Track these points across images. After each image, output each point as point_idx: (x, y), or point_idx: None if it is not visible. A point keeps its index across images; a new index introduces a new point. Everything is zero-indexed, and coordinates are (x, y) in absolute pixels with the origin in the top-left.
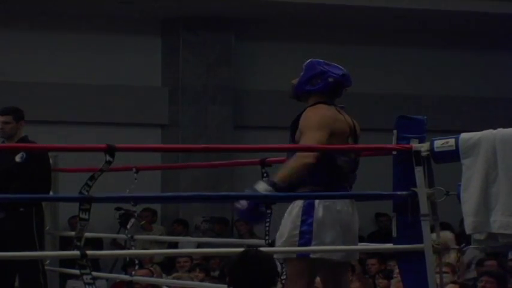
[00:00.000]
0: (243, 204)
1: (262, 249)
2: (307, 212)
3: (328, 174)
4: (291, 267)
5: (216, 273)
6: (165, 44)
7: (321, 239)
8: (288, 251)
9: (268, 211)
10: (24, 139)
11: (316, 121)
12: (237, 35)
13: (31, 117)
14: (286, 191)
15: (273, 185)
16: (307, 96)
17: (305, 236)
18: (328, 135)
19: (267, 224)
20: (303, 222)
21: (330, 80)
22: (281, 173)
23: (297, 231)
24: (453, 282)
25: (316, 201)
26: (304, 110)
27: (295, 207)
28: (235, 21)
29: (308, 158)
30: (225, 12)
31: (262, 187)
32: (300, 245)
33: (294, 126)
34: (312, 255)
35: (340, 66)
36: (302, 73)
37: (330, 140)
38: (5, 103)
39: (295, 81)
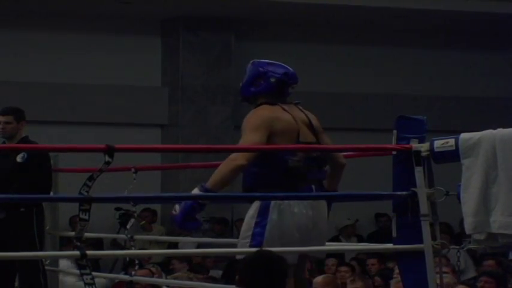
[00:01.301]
0: (176, 209)
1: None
2: (262, 213)
3: (280, 175)
4: None
5: (215, 274)
6: (165, 44)
7: (272, 241)
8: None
9: (202, 218)
10: (25, 139)
11: (252, 123)
12: (237, 35)
13: (31, 117)
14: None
15: (206, 190)
16: (255, 98)
17: (257, 237)
18: (267, 136)
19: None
20: (256, 224)
21: (272, 80)
22: (213, 179)
23: (250, 233)
24: (462, 283)
25: (272, 203)
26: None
27: (252, 209)
28: (235, 21)
29: (238, 160)
30: (225, 12)
31: (195, 193)
32: (251, 246)
33: None
34: None
35: (284, 65)
36: (245, 75)
37: (271, 140)
38: (5, 103)
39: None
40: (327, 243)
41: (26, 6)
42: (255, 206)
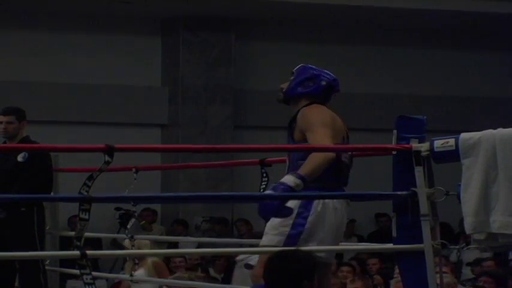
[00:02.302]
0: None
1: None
2: (305, 206)
3: (334, 171)
4: None
5: (218, 274)
6: (165, 44)
7: (312, 234)
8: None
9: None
10: (26, 139)
11: (320, 118)
12: (237, 35)
13: (31, 117)
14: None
15: (301, 177)
16: (297, 100)
17: (297, 227)
18: (332, 133)
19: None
20: (298, 214)
21: (323, 83)
22: (306, 168)
23: (291, 222)
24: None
25: None
26: (298, 111)
27: (293, 201)
28: (235, 21)
29: (332, 153)
30: (225, 12)
31: (291, 180)
32: (290, 234)
33: (291, 127)
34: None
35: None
36: (293, 77)
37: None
38: (5, 103)
39: (284, 86)
40: None
41: (26, 6)
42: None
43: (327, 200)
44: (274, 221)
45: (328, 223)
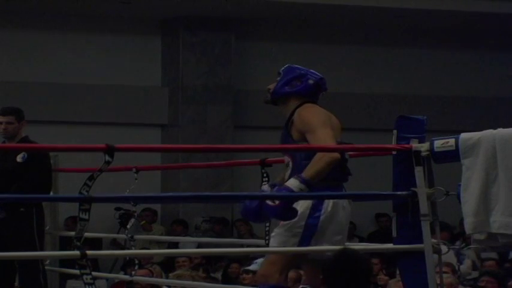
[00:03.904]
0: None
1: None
2: (316, 206)
3: (338, 169)
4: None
5: (218, 275)
6: (165, 44)
7: (323, 234)
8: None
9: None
10: (25, 139)
11: (319, 118)
12: (237, 35)
13: (31, 117)
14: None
15: (306, 182)
16: (286, 100)
17: (311, 228)
18: (332, 132)
19: (267, 224)
20: (310, 215)
21: (311, 81)
22: (311, 171)
23: (303, 223)
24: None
25: None
26: (293, 112)
27: (304, 202)
28: (235, 21)
29: (335, 153)
30: (225, 12)
31: (295, 185)
32: (303, 236)
33: (287, 127)
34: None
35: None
36: (280, 78)
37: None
38: (5, 103)
39: (271, 86)
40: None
41: (26, 6)
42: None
43: (336, 200)
44: (286, 223)
45: (338, 222)
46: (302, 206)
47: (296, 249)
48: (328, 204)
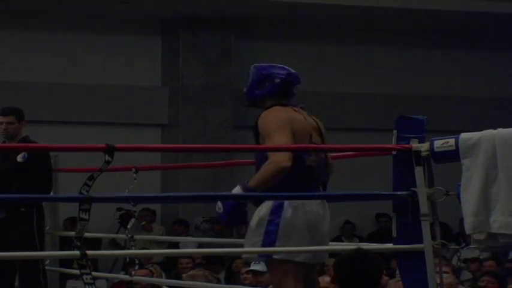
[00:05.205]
0: (219, 206)
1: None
2: (275, 212)
3: (296, 173)
4: (275, 268)
5: (221, 276)
6: (165, 44)
7: (286, 239)
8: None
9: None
10: (25, 139)
11: (276, 123)
12: (237, 35)
13: (31, 117)
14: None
15: (248, 189)
16: (262, 101)
17: (270, 236)
18: (291, 135)
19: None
20: (269, 222)
21: (277, 81)
22: (257, 179)
23: (262, 231)
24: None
25: (286, 202)
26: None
27: (264, 207)
28: (235, 21)
29: (285, 161)
30: (225, 12)
31: (236, 191)
32: (263, 244)
33: (255, 131)
34: (274, 256)
35: (285, 66)
36: (249, 80)
37: (293, 139)
38: (5, 103)
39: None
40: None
41: (26, 6)
42: (267, 204)
43: (296, 204)
44: (248, 232)
45: (300, 226)
46: (258, 214)
47: (296, 249)
48: (286, 209)
